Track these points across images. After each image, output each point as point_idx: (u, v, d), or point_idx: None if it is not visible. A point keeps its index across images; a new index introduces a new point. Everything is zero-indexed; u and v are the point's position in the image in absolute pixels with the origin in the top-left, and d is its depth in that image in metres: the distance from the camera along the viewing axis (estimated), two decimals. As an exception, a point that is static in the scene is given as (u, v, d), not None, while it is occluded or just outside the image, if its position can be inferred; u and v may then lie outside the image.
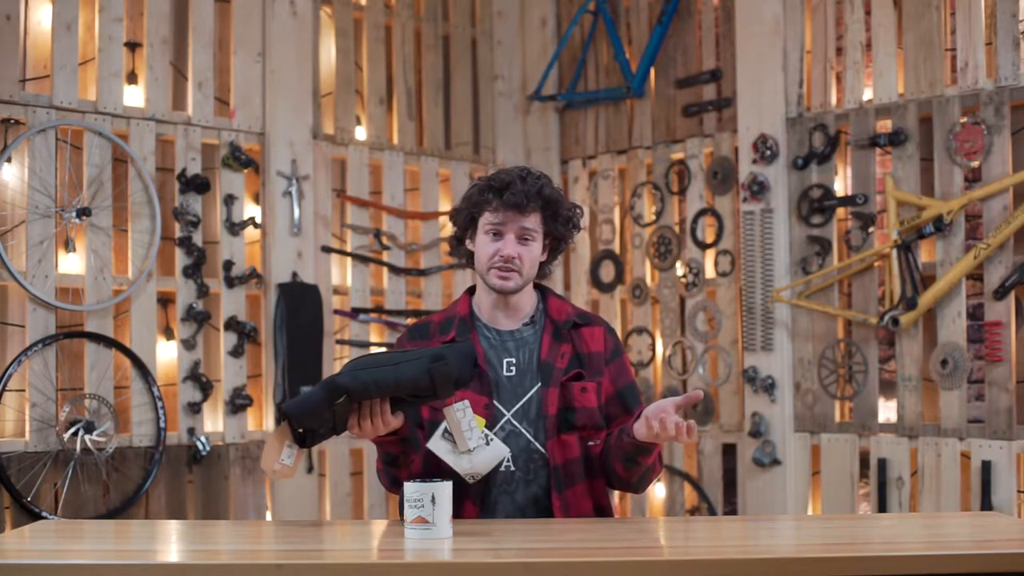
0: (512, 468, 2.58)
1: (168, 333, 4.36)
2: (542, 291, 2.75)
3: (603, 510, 2.65)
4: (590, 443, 2.62)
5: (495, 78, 5.46)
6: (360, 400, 2.37)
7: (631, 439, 2.49)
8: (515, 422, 2.59)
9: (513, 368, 2.62)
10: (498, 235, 2.61)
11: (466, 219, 2.67)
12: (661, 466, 2.67)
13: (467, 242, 2.70)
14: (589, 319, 2.72)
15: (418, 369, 2.34)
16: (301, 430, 2.40)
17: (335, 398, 2.34)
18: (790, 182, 4.57)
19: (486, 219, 2.62)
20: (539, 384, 2.61)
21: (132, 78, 4.31)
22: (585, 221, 5.27)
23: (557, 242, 2.69)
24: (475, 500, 2.55)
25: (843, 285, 4.47)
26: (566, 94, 5.31)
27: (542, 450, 2.58)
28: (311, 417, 2.37)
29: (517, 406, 2.60)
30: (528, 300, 2.69)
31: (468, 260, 2.71)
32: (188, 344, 4.34)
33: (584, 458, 2.61)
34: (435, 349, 2.39)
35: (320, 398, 2.34)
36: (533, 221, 2.61)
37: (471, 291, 2.74)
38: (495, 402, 2.59)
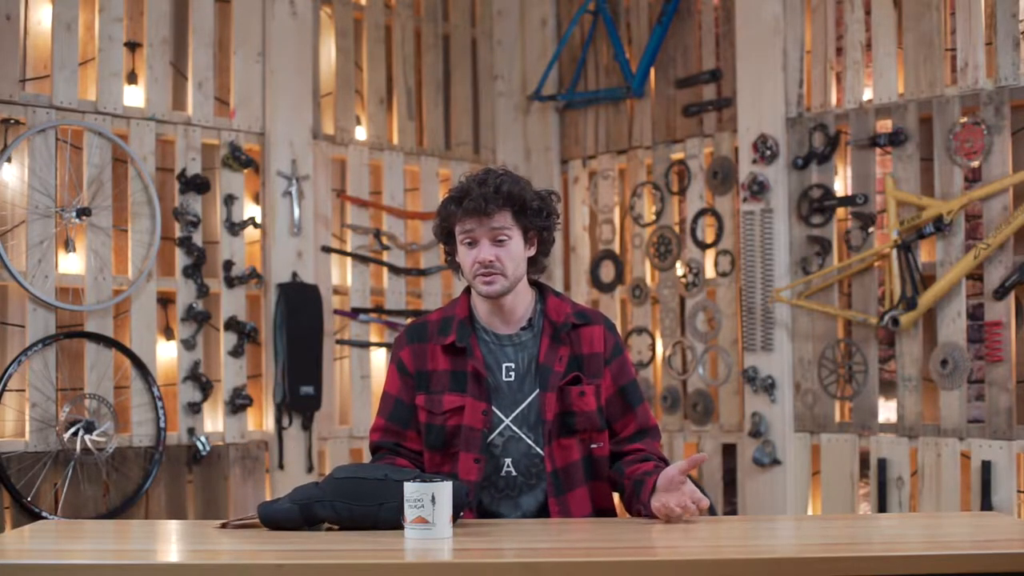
0: (514, 473, 2.57)
1: (168, 333, 4.36)
2: (540, 290, 2.71)
3: (605, 513, 2.64)
4: (593, 445, 2.61)
5: (495, 78, 5.46)
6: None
7: (646, 509, 2.47)
8: (514, 427, 2.57)
9: (512, 373, 2.61)
10: (472, 243, 2.58)
11: (444, 234, 2.65)
12: None
13: (456, 255, 2.68)
14: (588, 318, 2.67)
15: (398, 516, 2.30)
16: None
17: (311, 522, 2.38)
18: (790, 182, 4.57)
19: (459, 230, 2.59)
20: (537, 389, 2.60)
21: (132, 78, 4.31)
22: (585, 221, 5.27)
23: (540, 232, 2.64)
24: (474, 505, 2.55)
25: (843, 285, 4.47)
26: (566, 94, 5.31)
27: (543, 454, 2.57)
28: (282, 528, 2.41)
29: (516, 411, 2.58)
30: (523, 302, 2.65)
31: (461, 272, 2.69)
32: (188, 344, 4.34)
33: (586, 461, 2.60)
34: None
35: (295, 518, 2.37)
36: (502, 220, 2.56)
37: (469, 291, 2.71)
38: (494, 408, 2.58)
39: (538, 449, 2.57)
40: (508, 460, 2.57)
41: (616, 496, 2.69)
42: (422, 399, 2.61)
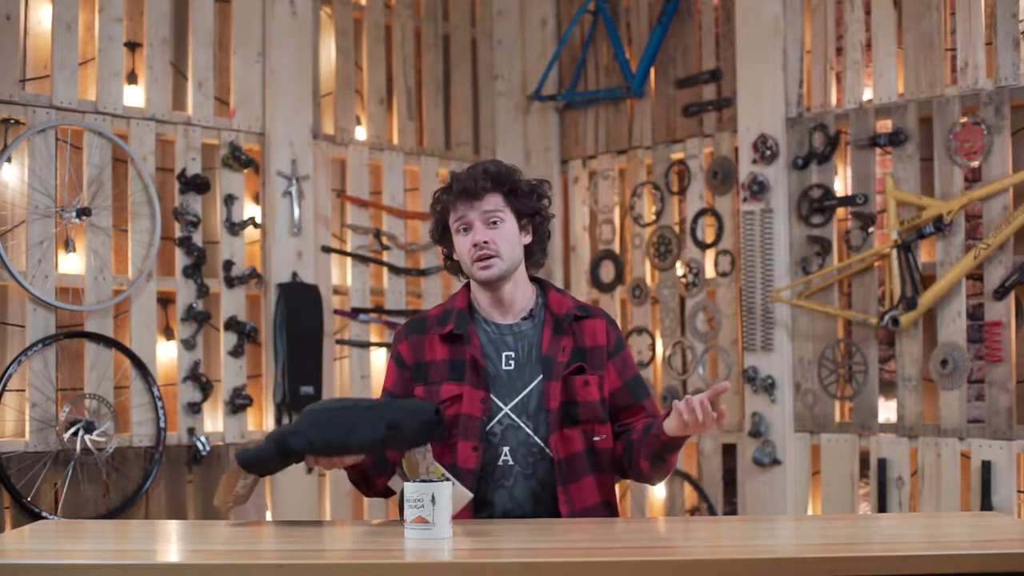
0: (511, 462, 2.58)
1: (168, 333, 4.36)
2: (541, 285, 2.73)
3: (610, 506, 2.65)
4: (596, 438, 2.61)
5: (495, 78, 5.46)
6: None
7: (661, 435, 2.51)
8: (513, 416, 2.58)
9: (512, 362, 2.62)
10: (467, 228, 2.62)
11: (441, 231, 2.69)
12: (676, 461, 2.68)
13: (453, 253, 2.70)
14: (590, 312, 2.70)
15: (372, 435, 2.37)
16: None
17: (286, 457, 2.42)
18: (790, 182, 4.57)
19: (452, 219, 2.64)
20: (540, 378, 2.60)
21: (132, 78, 4.31)
22: (585, 221, 5.27)
23: (532, 218, 2.67)
24: (473, 487, 2.55)
25: (843, 285, 4.47)
26: (566, 94, 5.31)
27: (541, 444, 2.58)
28: (263, 469, 2.47)
29: (516, 400, 2.59)
30: (523, 294, 2.68)
31: (462, 272, 2.71)
32: (188, 344, 4.34)
33: (589, 452, 2.60)
34: (392, 413, 2.40)
35: (272, 454, 2.42)
36: (493, 202, 2.61)
37: (468, 286, 2.73)
38: (492, 396, 2.59)
39: (536, 438, 2.58)
40: (506, 448, 2.58)
41: (619, 482, 2.70)
42: (421, 391, 2.62)
